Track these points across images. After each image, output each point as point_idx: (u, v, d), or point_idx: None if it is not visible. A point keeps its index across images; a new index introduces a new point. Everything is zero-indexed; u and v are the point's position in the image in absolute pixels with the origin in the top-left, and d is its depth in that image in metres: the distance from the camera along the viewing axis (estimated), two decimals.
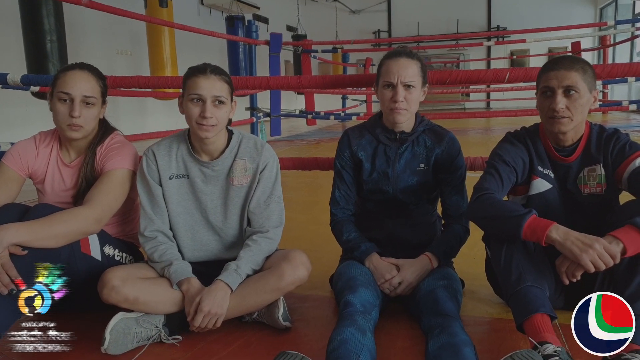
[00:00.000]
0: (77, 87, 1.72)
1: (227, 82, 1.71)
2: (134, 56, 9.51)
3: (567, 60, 1.58)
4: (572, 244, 1.37)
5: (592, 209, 1.66)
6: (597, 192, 1.64)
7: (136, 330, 1.58)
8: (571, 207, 1.68)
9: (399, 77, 1.70)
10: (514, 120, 9.16)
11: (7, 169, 1.77)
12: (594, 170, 1.64)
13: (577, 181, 1.66)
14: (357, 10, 18.46)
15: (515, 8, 16.99)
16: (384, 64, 1.76)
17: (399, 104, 1.71)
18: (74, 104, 1.71)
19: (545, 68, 1.61)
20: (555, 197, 1.68)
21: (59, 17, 5.27)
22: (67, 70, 1.76)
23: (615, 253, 1.34)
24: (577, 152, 1.65)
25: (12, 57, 6.27)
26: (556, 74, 1.56)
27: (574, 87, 1.54)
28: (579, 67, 1.56)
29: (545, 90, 1.59)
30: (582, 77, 1.55)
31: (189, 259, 1.79)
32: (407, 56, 1.73)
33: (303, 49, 9.63)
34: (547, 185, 1.67)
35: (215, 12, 12.39)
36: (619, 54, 14.51)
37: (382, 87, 1.75)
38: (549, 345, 1.31)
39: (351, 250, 1.83)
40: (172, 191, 1.77)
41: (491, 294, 1.90)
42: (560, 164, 1.67)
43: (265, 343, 1.62)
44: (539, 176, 1.68)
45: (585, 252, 1.35)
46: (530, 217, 1.44)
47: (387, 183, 1.82)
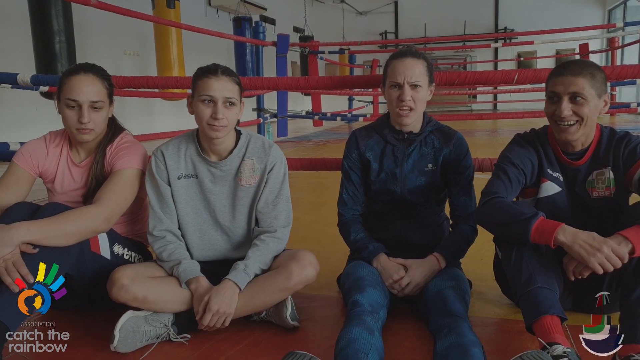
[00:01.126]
0: (83, 93, 1.71)
1: (238, 83, 1.72)
2: (141, 57, 9.55)
3: (574, 66, 1.54)
4: (580, 247, 1.37)
5: (601, 212, 1.64)
6: (605, 195, 1.62)
7: (145, 329, 1.59)
8: (580, 211, 1.66)
9: (405, 77, 1.70)
10: (521, 122, 9.14)
11: (18, 168, 1.78)
12: (603, 174, 1.62)
13: (586, 184, 1.64)
14: (364, 11, 18.46)
15: (522, 9, 16.92)
16: (390, 64, 1.77)
17: (405, 104, 1.71)
18: (82, 110, 1.72)
19: (553, 73, 1.59)
20: (564, 200, 1.66)
21: (68, 18, 5.31)
22: (72, 74, 1.74)
23: (623, 254, 1.34)
24: (586, 155, 1.63)
25: (21, 57, 6.33)
26: (563, 80, 1.53)
27: (580, 93, 1.51)
28: (587, 72, 1.52)
29: (552, 96, 1.57)
30: (590, 83, 1.51)
31: (197, 258, 1.80)
32: (413, 56, 1.73)
33: (310, 50, 9.65)
34: (556, 188, 1.66)
35: (223, 13, 12.43)
36: (627, 56, 14.43)
37: (389, 87, 1.75)
38: (558, 346, 1.31)
39: (359, 251, 1.83)
40: (181, 191, 1.78)
41: (499, 295, 1.90)
42: (569, 167, 1.65)
43: (273, 342, 1.62)
44: (548, 179, 1.66)
45: (593, 255, 1.35)
46: (537, 220, 1.44)
47: (395, 183, 1.82)
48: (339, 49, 11.15)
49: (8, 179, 1.76)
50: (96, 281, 1.70)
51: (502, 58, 16.41)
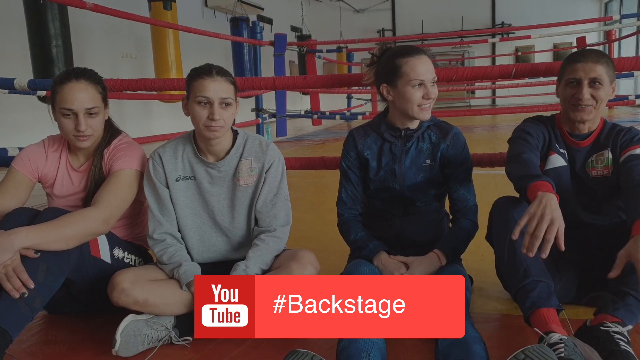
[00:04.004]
0: (78, 102, 1.70)
1: (232, 82, 1.71)
2: (138, 59, 9.54)
3: (593, 54, 1.68)
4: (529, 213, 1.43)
5: (599, 190, 1.75)
6: (603, 174, 1.73)
7: (147, 332, 1.58)
8: (579, 188, 1.77)
9: (427, 76, 1.71)
10: (519, 116, 9.07)
11: (17, 173, 1.78)
12: (602, 155, 1.74)
13: (586, 165, 1.76)
14: (361, 9, 18.44)
15: (519, 4, 16.88)
16: (406, 63, 1.76)
17: (430, 100, 1.72)
18: (79, 119, 1.70)
19: (572, 60, 1.71)
20: (567, 176, 1.77)
21: (64, 22, 5.31)
22: (64, 82, 1.71)
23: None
24: (589, 139, 1.76)
25: (18, 62, 6.32)
26: (583, 66, 1.66)
27: (599, 79, 1.65)
28: (604, 61, 1.67)
29: (571, 81, 1.69)
30: (606, 70, 1.66)
31: (197, 260, 1.80)
32: (426, 54, 1.74)
33: (308, 49, 9.64)
34: (562, 161, 1.77)
35: (220, 13, 12.42)
36: (624, 49, 14.41)
37: (412, 86, 1.74)
38: (554, 335, 1.34)
39: (359, 249, 1.83)
40: (179, 193, 1.77)
41: (500, 291, 1.90)
42: (572, 147, 1.77)
43: (275, 343, 1.61)
44: (556, 152, 1.78)
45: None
46: (537, 182, 1.50)
47: (394, 180, 1.82)
48: (336, 48, 11.15)
49: (7, 184, 1.76)
50: (97, 285, 1.69)
51: (499, 53, 16.36)
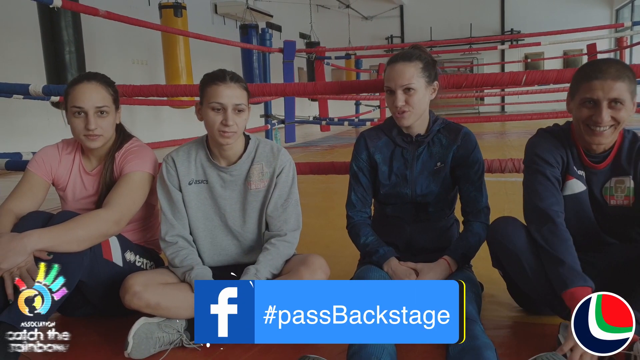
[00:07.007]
0: (88, 100, 1.73)
1: (245, 88, 1.73)
2: (149, 65, 9.63)
3: (613, 69, 1.42)
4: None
5: (619, 221, 1.58)
6: (624, 204, 1.55)
7: (158, 335, 1.60)
8: (600, 215, 1.61)
9: (396, 82, 1.71)
10: (529, 123, 9.08)
11: (33, 175, 1.80)
12: (623, 182, 1.55)
13: (603, 191, 1.58)
14: (370, 16, 18.48)
15: (529, 11, 16.85)
16: (385, 70, 1.79)
17: (399, 109, 1.72)
18: (89, 117, 1.74)
19: (588, 75, 1.45)
20: (587, 201, 1.60)
21: (77, 29, 5.38)
22: (76, 83, 1.77)
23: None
24: (607, 160, 1.56)
25: (32, 68, 6.40)
26: (602, 85, 1.41)
27: (620, 99, 1.41)
28: (626, 75, 1.42)
29: (587, 101, 1.45)
30: (627, 88, 1.42)
31: (208, 263, 1.81)
32: (404, 59, 1.72)
33: (316, 56, 9.68)
34: (581, 186, 1.58)
35: (229, 20, 12.51)
36: (636, 56, 14.32)
37: (386, 92, 1.77)
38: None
39: (369, 255, 1.83)
40: (192, 196, 1.79)
41: (510, 297, 1.89)
42: (589, 169, 1.58)
43: (285, 347, 1.62)
44: (574, 177, 1.58)
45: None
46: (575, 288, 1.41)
47: (405, 185, 1.82)
48: (345, 54, 11.18)
49: (23, 187, 1.79)
50: (109, 288, 1.71)
51: (509, 60, 16.33)
